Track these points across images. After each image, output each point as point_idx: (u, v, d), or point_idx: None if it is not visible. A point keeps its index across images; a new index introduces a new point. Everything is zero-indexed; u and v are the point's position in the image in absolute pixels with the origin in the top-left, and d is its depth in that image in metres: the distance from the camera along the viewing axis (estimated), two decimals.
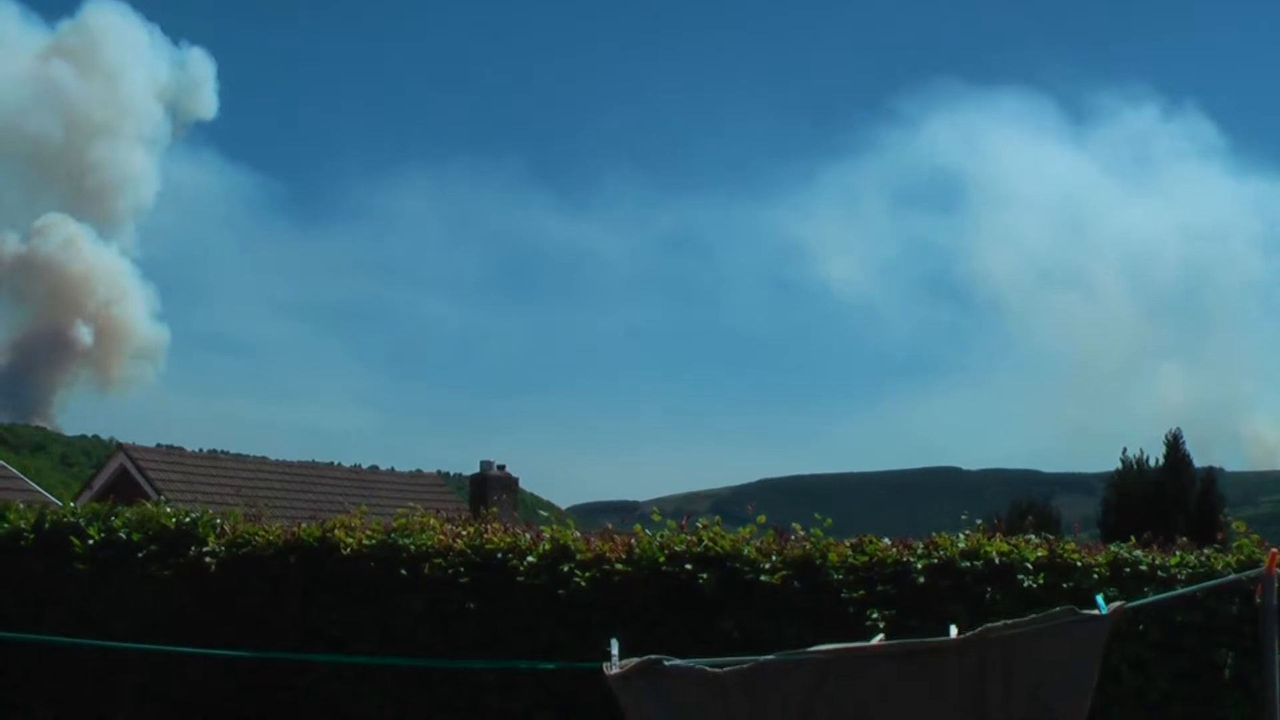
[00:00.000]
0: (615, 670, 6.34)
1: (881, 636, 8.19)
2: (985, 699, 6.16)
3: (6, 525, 13.55)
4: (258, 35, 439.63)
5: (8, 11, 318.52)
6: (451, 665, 11.66)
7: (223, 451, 43.83)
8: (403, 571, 12.16)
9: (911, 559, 11.33)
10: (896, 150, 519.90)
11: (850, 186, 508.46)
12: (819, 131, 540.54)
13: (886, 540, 11.76)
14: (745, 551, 11.55)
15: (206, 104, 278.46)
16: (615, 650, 6.50)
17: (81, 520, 13.32)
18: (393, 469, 45.34)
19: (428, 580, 12.06)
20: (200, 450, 42.81)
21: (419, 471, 44.95)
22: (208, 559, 12.80)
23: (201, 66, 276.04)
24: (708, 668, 6.29)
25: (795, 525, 12.01)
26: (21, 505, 14.23)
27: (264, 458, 41.84)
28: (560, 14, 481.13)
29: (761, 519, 12.13)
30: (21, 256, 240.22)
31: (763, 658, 6.32)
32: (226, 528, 13.16)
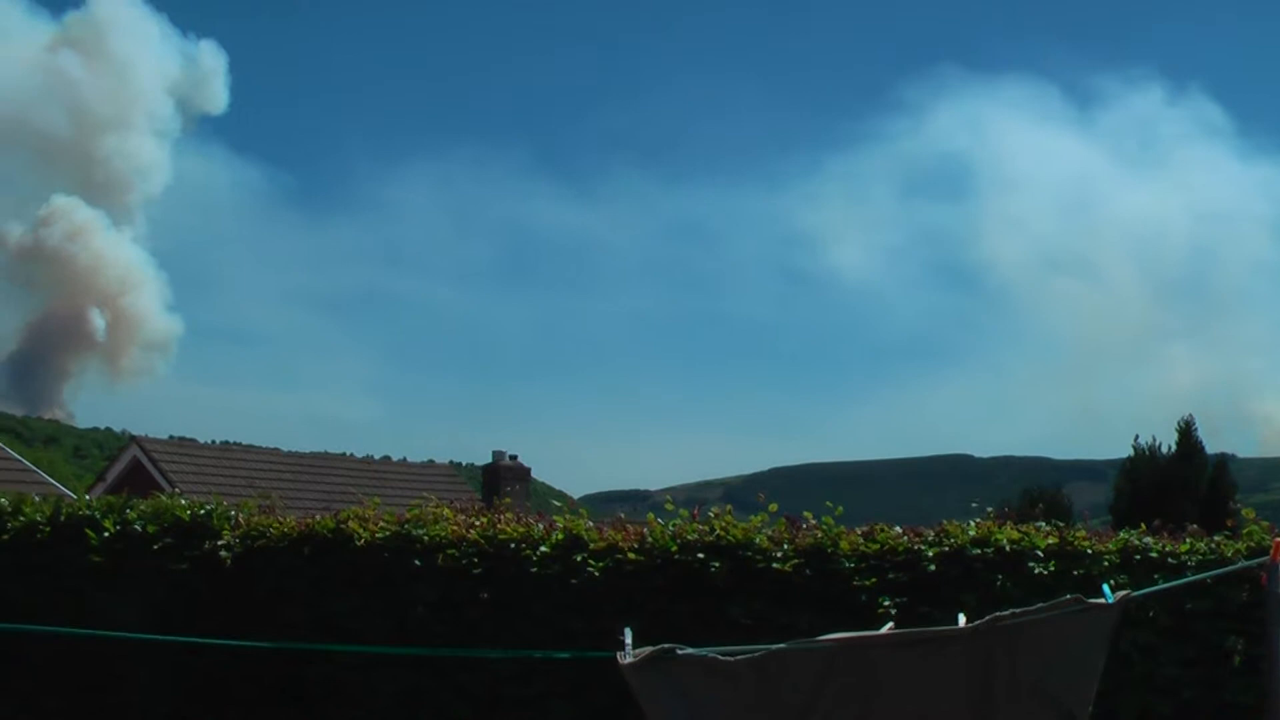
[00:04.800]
0: (629, 659, 6.39)
1: (892, 625, 8.23)
2: (993, 687, 6.20)
3: (22, 518, 13.59)
4: (263, 28, 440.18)
5: (13, 4, 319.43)
6: (467, 654, 11.72)
7: (234, 443, 43.87)
8: (416, 562, 12.21)
9: (922, 547, 11.37)
10: (903, 138, 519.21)
11: (857, 175, 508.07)
12: (824, 121, 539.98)
13: (898, 528, 11.79)
14: (757, 540, 11.60)
15: (216, 98, 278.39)
16: (629, 639, 6.54)
17: (97, 513, 13.37)
18: (405, 460, 45.49)
19: (441, 571, 12.12)
20: (212, 442, 42.96)
21: (431, 462, 44.95)
22: (222, 551, 12.86)
23: (212, 60, 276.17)
24: (720, 655, 6.34)
25: (807, 514, 12.06)
26: (36, 498, 14.28)
27: (276, 449, 41.86)
28: (564, 4, 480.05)
29: (773, 507, 12.16)
30: (29, 246, 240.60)
31: (774, 646, 6.36)
32: (241, 520, 13.21)
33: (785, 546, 11.54)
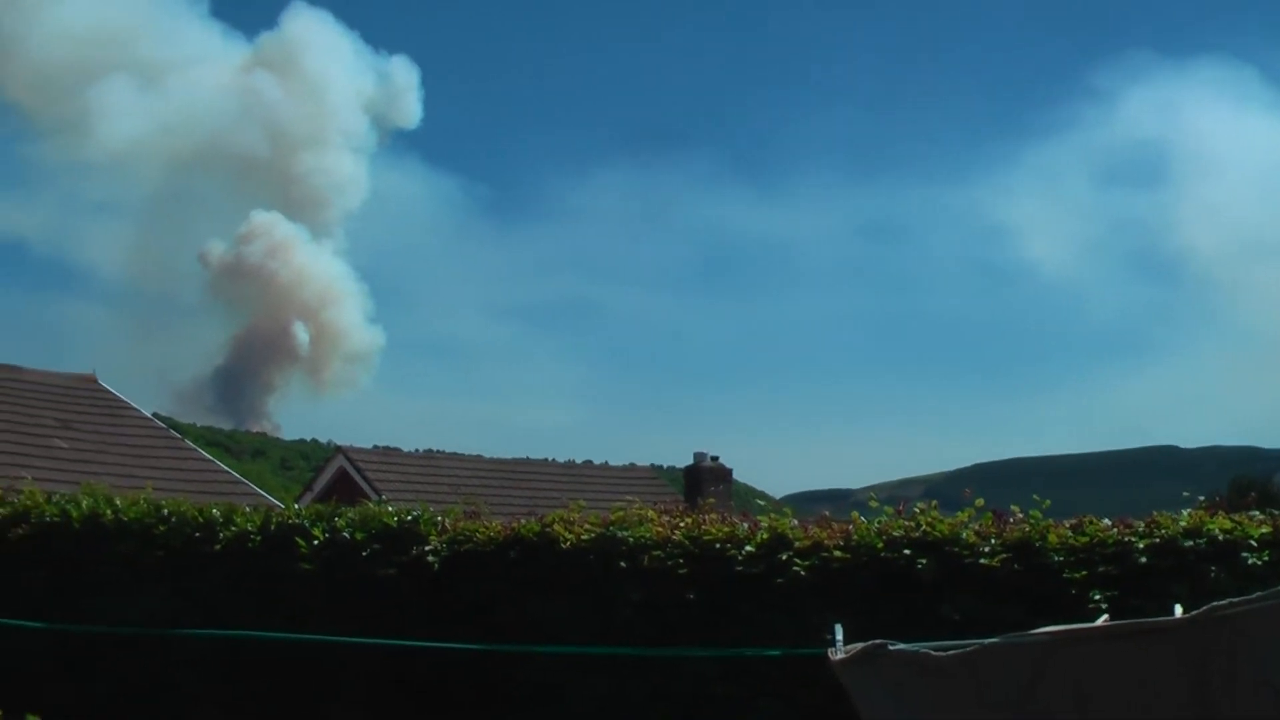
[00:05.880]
0: (840, 655, 6.37)
1: (1106, 617, 8.14)
2: (1210, 678, 6.08)
3: (234, 528, 13.87)
4: (453, 41, 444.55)
5: (209, 29, 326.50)
6: (676, 654, 11.74)
7: (438, 451, 44.28)
8: (621, 564, 12.27)
9: (1133, 539, 11.20)
10: (1096, 127, 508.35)
11: (1051, 165, 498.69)
12: (1016, 111, 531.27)
13: (1106, 521, 11.64)
14: (964, 535, 11.51)
15: (410, 113, 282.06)
16: (839, 636, 6.53)
17: (306, 521, 13.61)
18: (606, 463, 45.55)
19: (646, 572, 12.16)
20: (416, 450, 43.40)
21: (632, 465, 45.08)
22: (430, 557, 13.00)
23: (404, 75, 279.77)
24: (931, 651, 6.30)
25: (1014, 508, 11.94)
26: (247, 509, 14.55)
27: (479, 456, 42.27)
28: (746, 5, 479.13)
29: (980, 502, 12.04)
30: (231, 263, 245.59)
31: (986, 640, 6.31)
32: (447, 525, 13.34)
33: (992, 541, 11.44)
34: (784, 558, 11.83)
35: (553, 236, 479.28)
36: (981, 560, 11.30)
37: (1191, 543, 11.05)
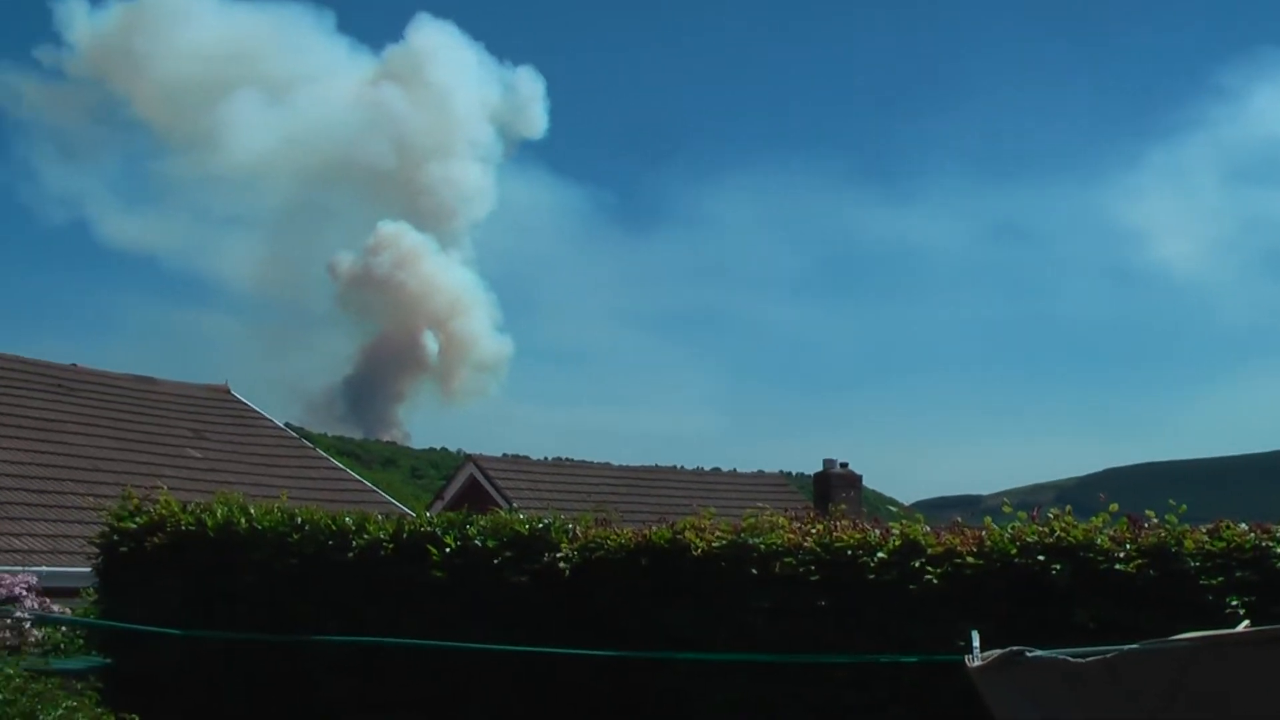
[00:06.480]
0: (977, 662, 6.33)
1: (1247, 624, 8.03)
2: None
3: (366, 536, 13.95)
4: (578, 50, 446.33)
5: (336, 43, 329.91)
6: (810, 660, 11.71)
7: (567, 459, 44.59)
8: (753, 571, 12.25)
9: (1271, 544, 11.05)
10: (1226, 125, 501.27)
11: (1180, 165, 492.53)
12: (1144, 111, 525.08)
13: (1244, 525, 11.49)
14: (1099, 541, 11.40)
15: (535, 122, 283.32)
16: (976, 642, 6.49)
17: (438, 529, 13.67)
18: (735, 470, 45.61)
19: (778, 579, 12.13)
20: (545, 458, 43.67)
21: (761, 472, 45.13)
22: (561, 564, 13.04)
23: (529, 85, 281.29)
24: (1070, 658, 6.24)
25: (1149, 513, 11.81)
26: (379, 517, 14.65)
27: (607, 463, 42.45)
28: (874, 10, 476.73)
29: (1114, 508, 11.93)
30: (359, 274, 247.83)
31: (1125, 647, 6.25)
32: (578, 532, 13.38)
33: (1127, 547, 11.32)
34: (916, 564, 11.77)
35: (680, 243, 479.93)
36: (1117, 566, 11.19)
37: None
